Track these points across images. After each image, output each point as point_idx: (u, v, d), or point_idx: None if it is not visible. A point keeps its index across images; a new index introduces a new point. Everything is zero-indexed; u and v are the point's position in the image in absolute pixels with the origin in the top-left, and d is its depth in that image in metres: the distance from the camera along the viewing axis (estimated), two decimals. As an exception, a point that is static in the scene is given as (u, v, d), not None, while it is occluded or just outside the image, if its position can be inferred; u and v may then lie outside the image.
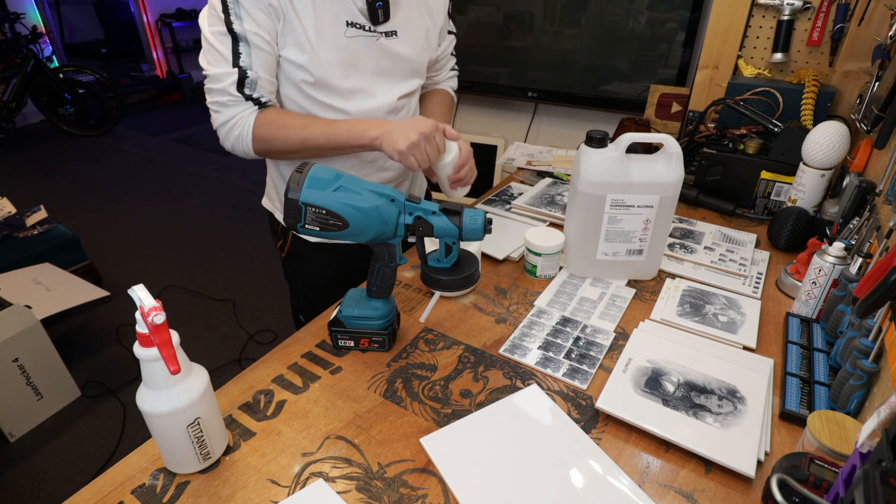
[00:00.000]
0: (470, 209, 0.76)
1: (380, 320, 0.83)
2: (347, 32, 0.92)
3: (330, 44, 0.91)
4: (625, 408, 0.72)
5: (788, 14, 1.39)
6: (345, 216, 0.71)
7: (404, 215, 0.76)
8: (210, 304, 2.54)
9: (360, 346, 0.85)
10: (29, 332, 1.79)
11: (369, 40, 0.95)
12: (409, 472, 0.65)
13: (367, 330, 0.83)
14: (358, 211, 0.71)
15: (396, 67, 1.01)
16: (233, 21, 0.85)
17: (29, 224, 2.46)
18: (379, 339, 0.84)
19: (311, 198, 0.70)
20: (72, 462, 1.76)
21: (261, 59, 0.89)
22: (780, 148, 1.23)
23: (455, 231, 0.76)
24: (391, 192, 0.75)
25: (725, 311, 0.93)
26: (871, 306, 0.61)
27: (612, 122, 2.00)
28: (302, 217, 0.72)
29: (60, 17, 5.33)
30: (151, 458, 0.67)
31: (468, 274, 0.80)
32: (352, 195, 0.72)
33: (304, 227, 0.73)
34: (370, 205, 0.72)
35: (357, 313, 0.82)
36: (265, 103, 0.92)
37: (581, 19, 1.93)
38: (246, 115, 0.92)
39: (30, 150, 4.57)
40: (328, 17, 0.90)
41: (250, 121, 0.92)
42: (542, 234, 1.03)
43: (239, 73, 0.88)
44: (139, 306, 0.55)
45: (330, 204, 0.71)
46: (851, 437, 0.60)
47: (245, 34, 0.86)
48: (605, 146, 0.93)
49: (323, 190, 0.71)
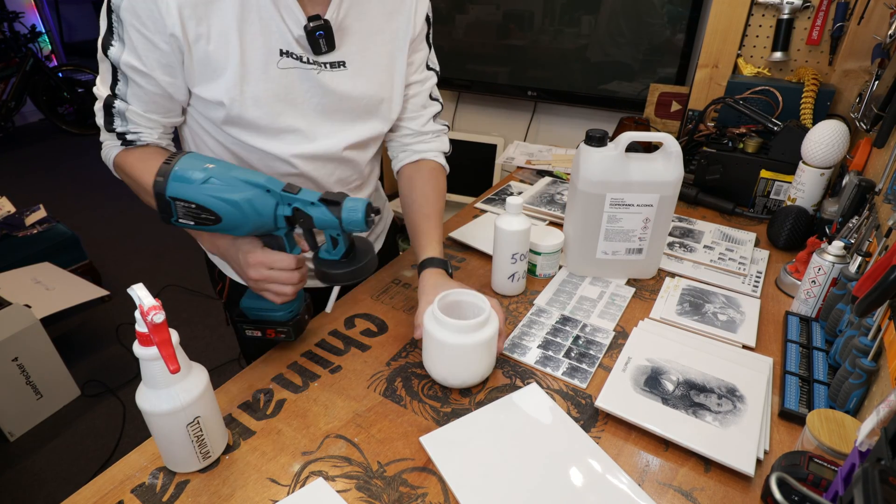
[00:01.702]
0: (351, 198, 0.70)
1: (281, 311, 0.79)
2: (281, 63, 0.78)
3: (258, 76, 0.77)
4: (624, 406, 0.72)
5: (788, 13, 1.39)
6: (216, 210, 0.67)
7: (282, 206, 0.70)
8: (210, 303, 2.54)
9: (266, 335, 0.81)
10: (28, 331, 1.79)
11: (307, 73, 0.80)
12: (409, 471, 0.65)
13: (268, 320, 0.80)
14: (229, 204, 0.67)
15: (343, 106, 0.85)
16: (112, 45, 0.73)
17: (28, 223, 2.46)
18: (284, 330, 0.80)
19: (178, 191, 0.66)
20: (71, 461, 1.76)
21: (137, 94, 0.76)
22: (780, 147, 1.23)
23: (335, 222, 0.69)
24: (266, 183, 0.69)
25: (725, 310, 0.93)
26: (871, 305, 0.61)
27: (611, 121, 2.00)
28: (173, 212, 0.68)
29: (59, 16, 5.32)
30: (151, 457, 0.67)
31: (360, 266, 0.75)
32: (223, 187, 0.67)
33: (178, 222, 0.70)
34: (241, 197, 0.67)
35: (258, 305, 0.79)
36: (131, 141, 0.80)
37: (581, 18, 1.93)
38: (110, 145, 0.82)
39: (29, 149, 4.57)
40: (257, 45, 0.76)
41: (112, 154, 0.82)
42: (542, 232, 1.03)
43: (106, 100, 0.77)
44: (139, 305, 0.55)
45: (199, 198, 0.67)
46: (850, 436, 0.60)
47: (119, 63, 0.73)
48: (604, 145, 0.93)
49: (190, 183, 0.66)
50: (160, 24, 0.70)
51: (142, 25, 0.70)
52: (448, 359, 0.73)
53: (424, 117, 0.98)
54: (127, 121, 0.78)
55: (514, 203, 0.90)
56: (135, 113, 0.78)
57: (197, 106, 0.81)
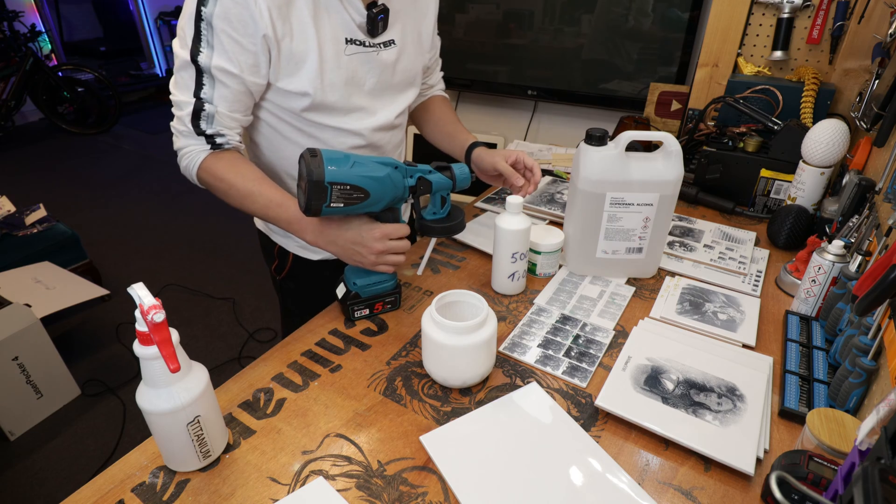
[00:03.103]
0: (456, 164, 0.89)
1: (391, 280, 0.91)
2: (347, 50, 0.88)
3: (332, 65, 0.87)
4: (624, 406, 0.72)
5: (788, 12, 1.39)
6: (366, 188, 0.78)
7: (407, 178, 0.84)
8: (210, 302, 2.54)
9: (374, 311, 0.92)
10: (28, 330, 1.79)
11: (369, 56, 0.91)
12: (409, 470, 0.65)
13: (380, 294, 0.91)
14: (375, 181, 0.78)
15: (394, 80, 0.98)
16: (201, 51, 0.79)
17: (28, 223, 2.46)
18: (391, 300, 0.92)
19: (335, 176, 0.75)
20: (72, 460, 1.76)
21: (224, 95, 0.82)
22: (780, 146, 1.23)
23: (449, 184, 0.87)
24: (392, 161, 0.82)
25: (725, 309, 0.93)
26: (871, 304, 0.61)
27: (611, 120, 2.00)
28: (328, 197, 0.76)
29: (59, 15, 5.32)
30: (151, 456, 0.67)
31: (457, 222, 0.90)
32: (366, 168, 0.78)
33: (329, 207, 0.77)
34: (384, 174, 0.79)
35: (371, 280, 0.89)
36: (220, 144, 0.86)
37: (581, 17, 1.93)
38: (196, 150, 0.86)
39: (29, 149, 4.57)
40: (328, 37, 0.86)
41: (198, 159, 0.86)
42: (542, 232, 1.03)
43: (195, 105, 0.82)
44: (139, 305, 0.55)
45: (353, 179, 0.76)
46: (850, 435, 0.60)
47: (209, 68, 0.80)
48: (604, 144, 0.93)
49: (342, 167, 0.76)
50: (252, 27, 0.78)
51: (233, 30, 0.78)
52: (447, 359, 0.74)
53: (436, 74, 1.20)
54: (214, 123, 0.84)
55: (514, 202, 0.91)
56: (221, 115, 0.84)
57: (276, 99, 0.89)
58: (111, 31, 5.84)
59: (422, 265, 0.96)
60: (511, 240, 0.92)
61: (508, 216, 0.92)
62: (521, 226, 0.92)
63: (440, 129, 1.17)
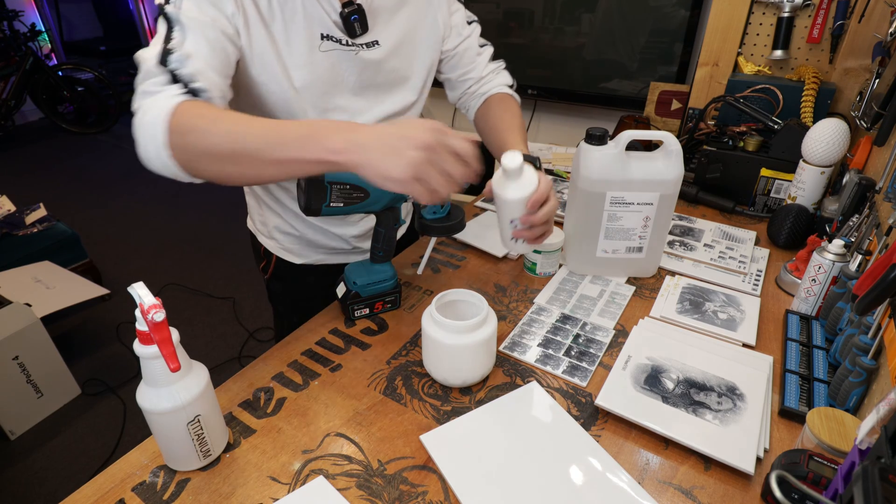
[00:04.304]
0: None
1: (391, 280, 0.91)
2: (322, 46, 0.82)
3: (304, 60, 0.81)
4: (624, 405, 0.72)
5: (788, 11, 1.39)
6: (366, 187, 0.77)
7: None
8: (210, 301, 2.54)
9: (374, 310, 0.91)
10: (29, 330, 1.79)
11: (347, 54, 0.85)
12: (409, 470, 0.65)
13: (380, 293, 0.90)
14: None
15: (378, 78, 0.91)
16: (170, 2, 0.70)
17: (28, 222, 2.46)
18: (391, 299, 0.92)
19: (335, 175, 0.74)
20: (72, 460, 1.76)
21: (198, 41, 0.69)
22: (780, 145, 1.23)
23: None
24: None
25: (725, 309, 0.93)
26: (871, 303, 0.61)
27: (611, 119, 1.99)
28: (327, 196, 0.75)
29: (59, 14, 5.31)
30: (152, 455, 0.67)
31: (457, 221, 0.88)
32: None
33: (328, 207, 0.76)
34: None
35: (371, 280, 0.89)
36: (197, 91, 0.67)
37: (581, 16, 1.93)
38: (166, 95, 0.65)
39: (29, 148, 4.57)
40: (300, 28, 0.80)
41: (169, 104, 0.63)
42: (542, 231, 1.03)
43: (162, 47, 0.68)
44: (139, 304, 0.55)
45: (352, 178, 0.75)
46: (850, 434, 0.60)
47: (178, 16, 0.69)
48: (604, 144, 0.93)
49: None
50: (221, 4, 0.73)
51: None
52: (447, 359, 0.74)
53: (481, 63, 1.04)
54: (188, 64, 0.68)
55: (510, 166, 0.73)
56: (197, 59, 0.69)
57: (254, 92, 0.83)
58: (111, 30, 5.83)
59: (422, 264, 0.96)
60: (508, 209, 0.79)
61: (505, 180, 0.76)
62: (515, 195, 0.75)
63: (493, 137, 0.98)
